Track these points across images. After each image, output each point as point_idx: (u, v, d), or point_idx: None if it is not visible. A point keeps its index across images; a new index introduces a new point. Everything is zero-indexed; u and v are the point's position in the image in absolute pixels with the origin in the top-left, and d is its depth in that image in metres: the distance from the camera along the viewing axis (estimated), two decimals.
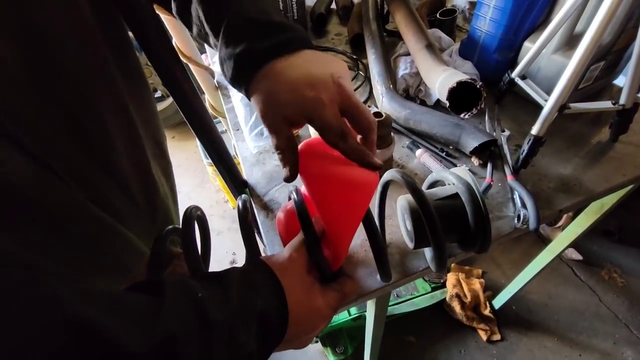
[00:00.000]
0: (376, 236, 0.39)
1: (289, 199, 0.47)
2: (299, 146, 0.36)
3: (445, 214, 0.42)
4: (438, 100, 0.75)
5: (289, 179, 0.34)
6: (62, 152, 0.31)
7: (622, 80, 0.61)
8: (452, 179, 0.44)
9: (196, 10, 0.34)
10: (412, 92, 0.77)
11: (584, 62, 0.51)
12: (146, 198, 0.44)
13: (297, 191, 0.38)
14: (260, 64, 0.32)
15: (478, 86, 0.53)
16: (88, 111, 0.33)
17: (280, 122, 0.32)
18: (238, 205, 0.41)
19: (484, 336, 1.36)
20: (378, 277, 0.49)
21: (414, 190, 0.39)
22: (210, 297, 0.27)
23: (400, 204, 0.47)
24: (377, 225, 0.40)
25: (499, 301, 1.40)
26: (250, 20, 0.32)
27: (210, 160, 1.65)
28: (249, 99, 0.34)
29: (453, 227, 0.44)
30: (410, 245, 0.47)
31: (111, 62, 0.37)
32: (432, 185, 0.52)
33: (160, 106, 2.23)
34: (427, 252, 0.50)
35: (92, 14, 0.34)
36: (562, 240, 0.95)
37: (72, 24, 0.31)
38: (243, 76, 0.32)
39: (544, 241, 1.62)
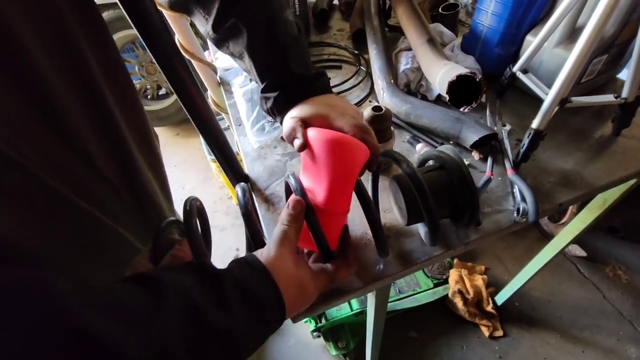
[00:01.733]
0: (370, 208, 0.41)
1: (286, 186, 0.48)
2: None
3: (433, 186, 0.43)
4: (439, 95, 0.75)
5: (301, 148, 0.40)
6: (38, 143, 0.32)
7: (626, 74, 0.61)
8: (436, 153, 0.47)
9: (248, 59, 0.41)
10: (414, 87, 0.77)
11: (585, 55, 0.50)
12: (131, 193, 0.45)
13: (294, 175, 0.41)
14: (295, 102, 0.42)
15: (478, 80, 0.53)
16: (60, 104, 0.34)
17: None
18: (237, 192, 0.42)
19: (486, 332, 1.36)
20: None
21: (404, 163, 0.40)
22: (208, 304, 0.29)
23: (392, 182, 0.48)
24: (371, 199, 0.41)
25: (501, 297, 1.39)
26: (293, 77, 0.41)
27: (214, 157, 1.66)
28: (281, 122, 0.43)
29: (442, 199, 0.46)
30: (403, 222, 0.48)
31: (89, 58, 0.37)
32: (421, 165, 0.53)
33: (164, 104, 2.24)
34: (422, 229, 0.51)
35: (71, 12, 0.35)
36: (565, 235, 0.95)
37: (48, 21, 0.33)
38: (280, 111, 0.43)
39: (548, 238, 1.61)
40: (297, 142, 0.39)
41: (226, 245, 1.75)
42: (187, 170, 2.12)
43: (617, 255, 1.54)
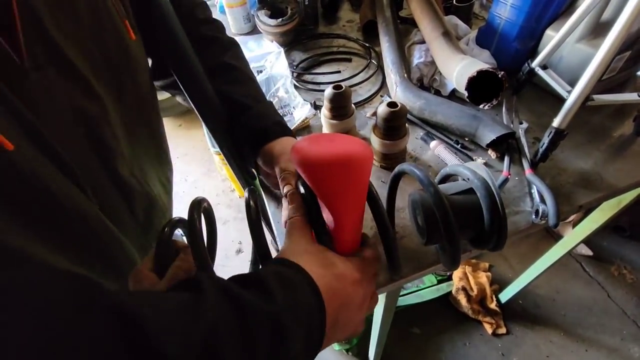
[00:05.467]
0: (386, 228, 0.38)
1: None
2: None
3: (458, 211, 0.40)
4: (453, 91, 0.72)
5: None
6: (82, 159, 0.33)
7: None
8: (467, 173, 0.42)
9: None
10: (427, 82, 0.75)
11: (613, 51, 0.48)
12: (145, 214, 0.47)
13: (303, 180, 0.38)
14: (272, 138, 0.50)
15: (500, 76, 0.51)
16: (107, 125, 0.37)
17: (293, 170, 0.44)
18: (246, 198, 0.40)
19: (489, 329, 1.35)
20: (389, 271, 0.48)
21: (429, 186, 0.37)
22: (250, 294, 0.27)
23: (413, 198, 0.45)
24: (387, 216, 0.38)
25: (505, 295, 1.39)
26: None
27: (217, 149, 1.64)
28: (257, 155, 0.51)
29: (466, 225, 0.42)
30: (422, 241, 0.46)
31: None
32: (445, 179, 0.50)
33: (166, 94, 2.21)
34: (439, 248, 0.49)
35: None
36: (575, 235, 0.94)
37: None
38: (259, 142, 0.50)
39: (553, 236, 1.60)
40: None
41: (228, 239, 1.74)
42: (189, 162, 2.10)
43: (623, 255, 1.53)
